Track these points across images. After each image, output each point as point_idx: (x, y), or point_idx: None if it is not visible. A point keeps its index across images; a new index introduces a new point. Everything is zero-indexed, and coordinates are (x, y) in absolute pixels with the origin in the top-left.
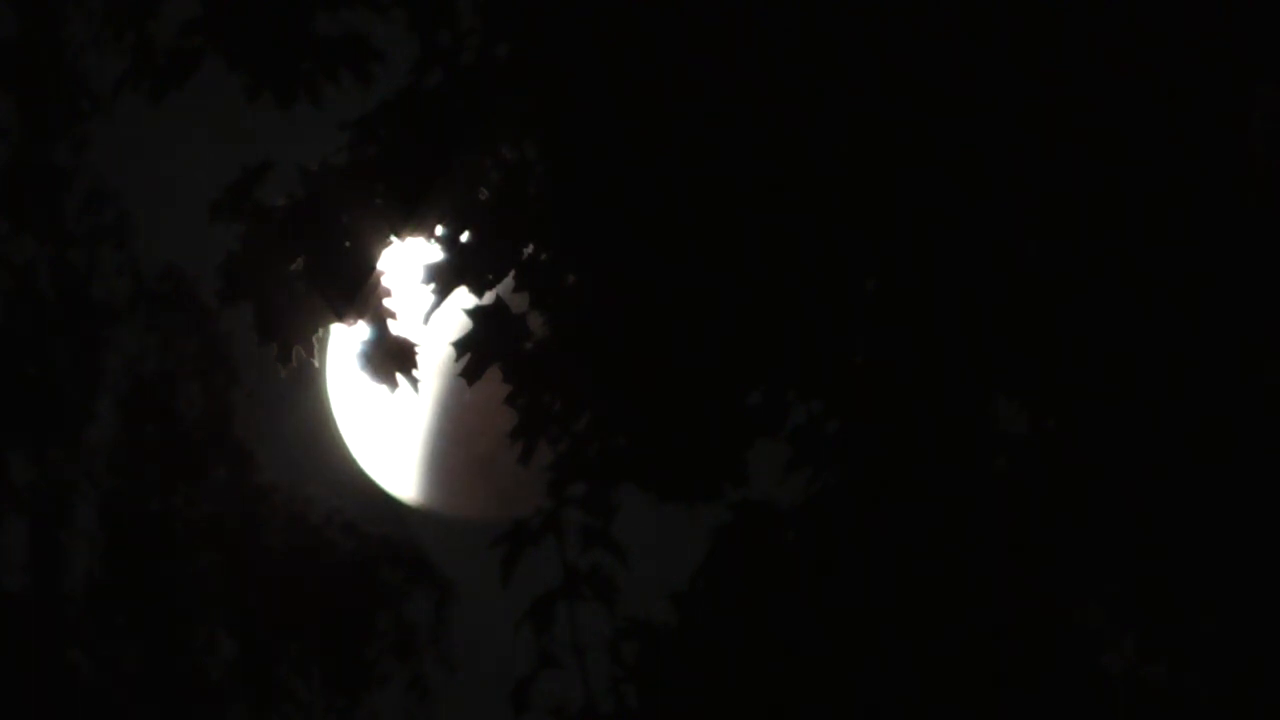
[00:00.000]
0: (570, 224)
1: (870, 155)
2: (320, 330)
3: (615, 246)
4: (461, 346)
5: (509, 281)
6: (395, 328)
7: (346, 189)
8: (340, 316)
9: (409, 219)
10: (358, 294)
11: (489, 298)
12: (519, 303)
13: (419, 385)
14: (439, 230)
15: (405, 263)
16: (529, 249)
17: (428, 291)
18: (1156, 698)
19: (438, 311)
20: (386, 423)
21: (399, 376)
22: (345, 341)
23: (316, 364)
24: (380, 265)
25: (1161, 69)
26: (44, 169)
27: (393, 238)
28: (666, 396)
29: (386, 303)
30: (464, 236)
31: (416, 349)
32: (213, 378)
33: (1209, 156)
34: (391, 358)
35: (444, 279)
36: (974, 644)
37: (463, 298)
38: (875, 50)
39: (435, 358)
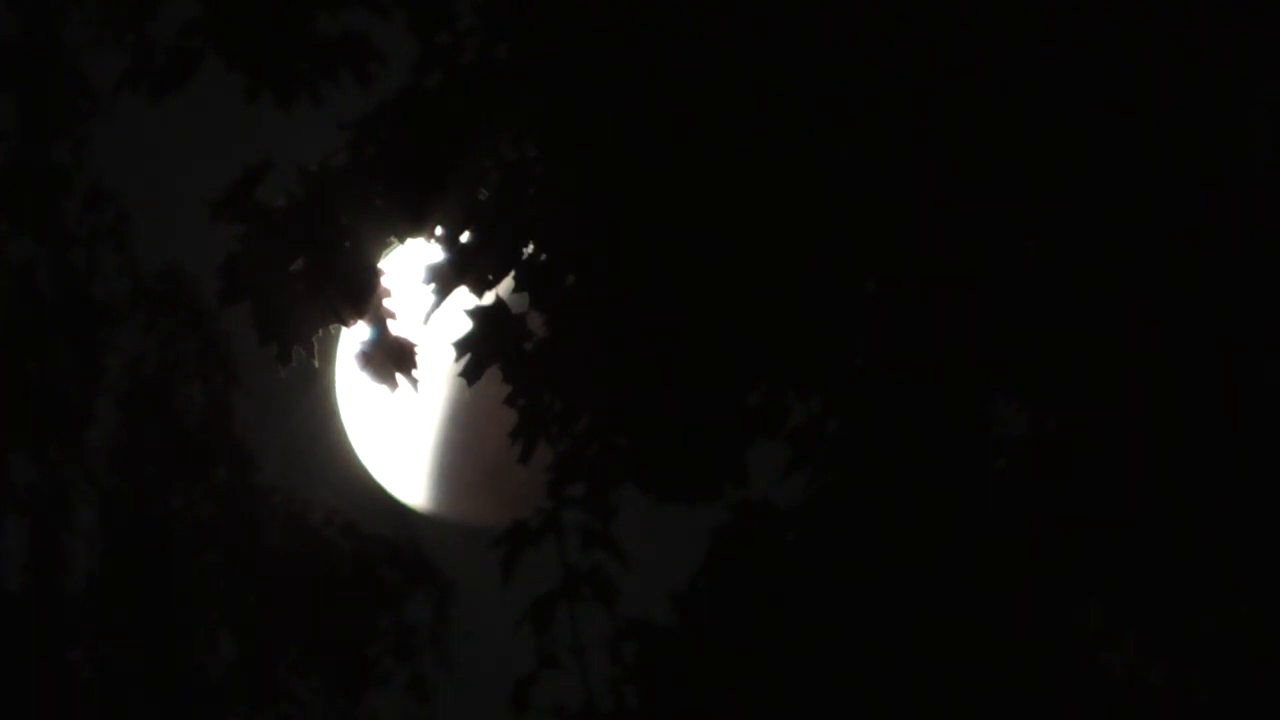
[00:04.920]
0: (570, 224)
1: (869, 154)
2: (321, 331)
3: (616, 247)
4: (461, 347)
5: (509, 281)
6: (395, 328)
7: (346, 189)
8: (340, 317)
9: (409, 219)
10: (358, 294)
11: (489, 298)
12: (519, 303)
13: (419, 386)
14: (439, 230)
15: (405, 263)
16: (529, 249)
17: (428, 291)
18: (1156, 698)
19: (438, 311)
20: (394, 428)
21: (399, 377)
22: (351, 344)
23: (316, 364)
24: (380, 265)
25: (1161, 69)
26: (44, 169)
27: (393, 238)
28: (667, 396)
29: (386, 303)
30: (464, 236)
31: (416, 349)
32: (213, 378)
33: (1209, 156)
34: (391, 358)
35: (444, 279)
36: (974, 643)
37: (463, 298)
38: (873, 49)
39: (442, 363)
